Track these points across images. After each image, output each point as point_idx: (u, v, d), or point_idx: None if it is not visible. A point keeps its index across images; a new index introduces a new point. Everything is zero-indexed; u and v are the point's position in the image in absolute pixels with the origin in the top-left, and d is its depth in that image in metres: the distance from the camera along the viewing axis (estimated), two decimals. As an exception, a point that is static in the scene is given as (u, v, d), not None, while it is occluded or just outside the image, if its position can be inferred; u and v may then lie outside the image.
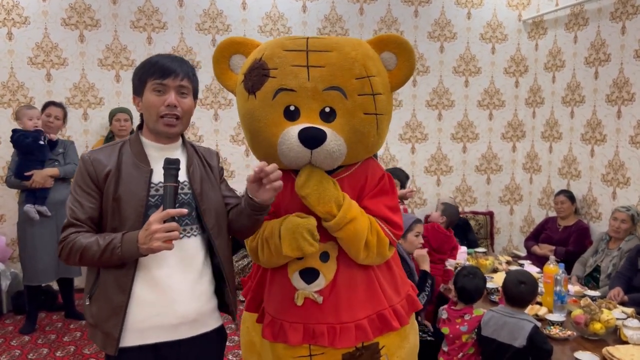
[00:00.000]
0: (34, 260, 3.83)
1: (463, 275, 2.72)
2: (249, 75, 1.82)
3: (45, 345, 3.76)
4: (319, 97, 1.76)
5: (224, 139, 5.01)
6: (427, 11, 5.31)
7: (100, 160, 1.63)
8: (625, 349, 2.36)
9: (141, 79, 1.65)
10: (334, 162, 1.78)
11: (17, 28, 4.51)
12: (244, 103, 1.86)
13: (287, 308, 1.84)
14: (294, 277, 1.84)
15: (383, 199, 1.91)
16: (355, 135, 1.80)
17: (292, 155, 1.74)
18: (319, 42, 1.79)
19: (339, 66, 1.76)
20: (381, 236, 1.84)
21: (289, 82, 1.75)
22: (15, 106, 4.53)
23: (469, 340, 2.62)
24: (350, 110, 1.78)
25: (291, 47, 1.79)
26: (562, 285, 2.83)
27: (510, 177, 5.77)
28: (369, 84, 1.79)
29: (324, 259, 1.84)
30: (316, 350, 1.82)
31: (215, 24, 4.89)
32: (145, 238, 1.48)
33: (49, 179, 3.81)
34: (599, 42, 4.60)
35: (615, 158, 4.49)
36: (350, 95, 1.77)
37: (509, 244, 5.86)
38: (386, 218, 1.88)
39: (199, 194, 1.69)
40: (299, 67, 1.76)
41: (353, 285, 1.86)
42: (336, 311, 1.82)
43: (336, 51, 1.78)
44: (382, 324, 1.86)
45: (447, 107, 5.48)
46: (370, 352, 1.85)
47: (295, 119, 1.78)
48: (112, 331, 1.59)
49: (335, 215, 1.75)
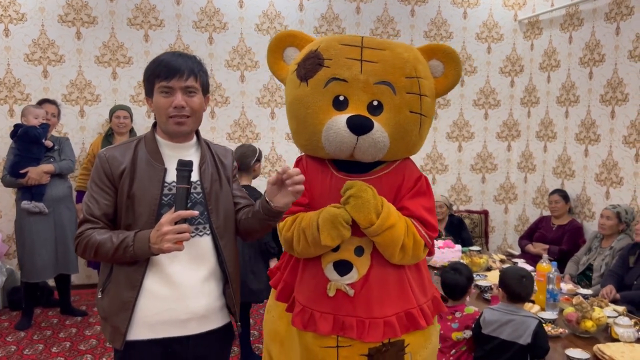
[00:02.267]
0: (32, 257, 3.83)
1: (446, 271, 2.75)
2: (304, 63, 1.87)
3: (41, 341, 3.78)
4: (369, 90, 1.82)
5: (221, 137, 5.03)
6: (423, 10, 5.33)
7: (116, 158, 1.66)
8: (616, 346, 2.39)
9: (149, 81, 1.67)
10: (377, 152, 1.82)
11: (13, 25, 4.51)
12: (294, 90, 1.89)
13: (319, 298, 1.86)
14: (327, 268, 1.87)
15: (421, 200, 1.95)
16: (399, 132, 1.85)
17: (338, 141, 1.78)
18: (374, 41, 1.88)
19: (391, 64, 1.83)
20: (417, 238, 1.87)
21: (342, 72, 1.81)
22: (11, 103, 4.53)
23: (460, 339, 2.64)
24: (398, 105, 1.83)
25: (347, 42, 1.86)
26: (554, 284, 2.86)
27: (505, 176, 5.80)
28: (418, 84, 1.86)
29: (358, 253, 1.87)
30: (344, 342, 1.85)
31: (212, 22, 4.90)
32: (157, 239, 1.51)
33: (44, 176, 3.81)
34: (594, 42, 4.63)
35: (608, 158, 4.52)
36: (399, 92, 1.83)
37: (504, 243, 5.89)
38: (423, 219, 1.91)
39: (208, 194, 1.71)
40: (353, 60, 1.82)
41: (385, 282, 1.89)
42: (366, 305, 1.85)
43: (389, 50, 1.86)
44: (409, 322, 1.90)
45: (442, 107, 5.51)
46: (396, 348, 1.88)
47: (343, 108, 1.83)
48: (120, 325, 1.62)
49: (374, 224, 1.78)
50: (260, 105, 5.08)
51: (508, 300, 2.50)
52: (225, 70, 4.96)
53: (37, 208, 3.78)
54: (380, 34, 5.24)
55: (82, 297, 4.65)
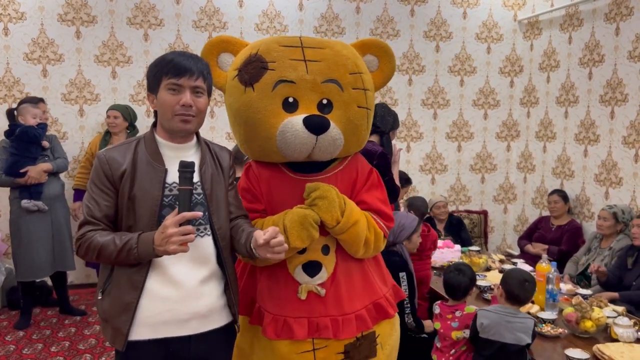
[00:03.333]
0: (29, 256, 3.83)
1: (450, 271, 2.75)
2: (245, 68, 1.86)
3: (40, 340, 3.77)
4: (318, 89, 1.83)
5: (220, 137, 5.02)
6: (423, 10, 5.33)
7: (116, 159, 1.64)
8: (616, 346, 2.39)
9: (156, 77, 1.66)
10: (335, 150, 1.84)
11: (13, 24, 4.50)
12: (240, 96, 1.87)
13: (290, 304, 1.86)
14: (296, 271, 1.87)
15: (376, 193, 2.00)
16: (350, 127, 1.87)
17: (297, 142, 1.78)
18: (311, 40, 1.90)
19: (334, 61, 1.85)
20: (377, 231, 1.92)
21: (288, 74, 1.81)
22: (11, 102, 4.53)
23: (460, 338, 2.63)
24: (346, 102, 1.86)
25: (286, 43, 1.86)
26: (554, 284, 2.87)
27: (505, 177, 5.80)
28: (361, 79, 1.90)
29: (325, 252, 1.88)
30: (319, 343, 1.85)
31: (212, 22, 4.90)
32: (162, 241, 1.51)
33: (44, 174, 3.82)
34: (593, 42, 4.63)
35: (608, 158, 4.52)
36: (346, 88, 1.85)
37: (503, 243, 5.90)
38: (379, 211, 1.96)
39: (209, 195, 1.71)
40: (297, 60, 1.83)
41: (350, 277, 1.91)
42: (338, 303, 1.86)
43: (329, 48, 1.88)
44: (378, 312, 1.93)
45: (442, 106, 5.51)
46: (368, 341, 1.91)
47: (293, 110, 1.83)
48: (121, 327, 1.61)
49: (340, 222, 1.80)
50: (259, 104, 5.07)
51: (506, 301, 2.50)
52: (224, 69, 4.95)
53: (36, 207, 3.78)
54: (380, 34, 5.24)
55: (82, 296, 4.64)
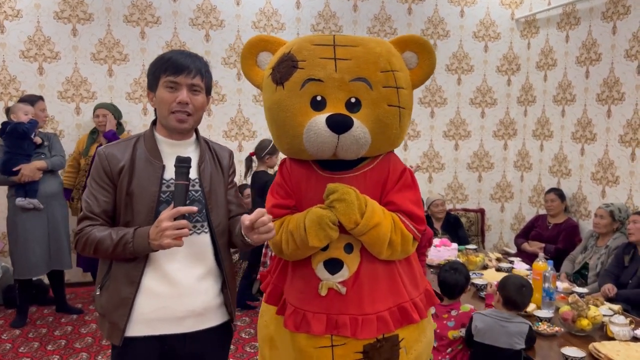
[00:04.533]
0: (25, 254, 3.82)
1: (445, 270, 2.75)
2: (278, 67, 1.87)
3: (36, 339, 3.76)
4: (346, 88, 1.81)
5: (217, 135, 5.02)
6: (420, 9, 5.33)
7: (115, 155, 1.67)
8: (611, 344, 2.40)
9: (155, 75, 1.67)
10: (359, 149, 1.82)
11: (9, 21, 4.49)
12: (272, 95, 1.88)
13: (310, 299, 1.86)
14: (318, 267, 1.87)
15: (407, 194, 1.95)
16: (379, 126, 1.85)
17: (320, 141, 1.77)
18: (345, 38, 1.87)
19: (364, 59, 1.83)
20: (405, 234, 1.87)
21: (316, 72, 1.80)
22: (7, 100, 4.51)
23: (457, 337, 2.64)
24: (375, 100, 1.83)
25: (319, 42, 1.85)
26: (550, 282, 2.87)
27: (502, 175, 5.81)
28: (393, 77, 1.86)
29: (348, 251, 1.87)
30: (338, 340, 1.84)
31: (208, 19, 4.88)
32: (156, 235, 1.52)
33: (37, 172, 3.79)
34: (590, 41, 4.63)
35: (605, 157, 4.53)
36: (375, 87, 1.83)
37: (500, 241, 5.90)
38: (410, 212, 1.91)
39: (208, 192, 1.72)
40: (327, 59, 1.81)
41: (375, 277, 1.89)
42: (359, 302, 1.85)
43: (361, 46, 1.85)
44: (402, 316, 1.90)
45: (439, 105, 5.51)
46: (390, 343, 1.88)
47: (321, 108, 1.83)
48: (118, 321, 1.63)
49: (359, 224, 1.79)
50: (257, 103, 5.07)
51: (503, 306, 2.50)
52: (221, 67, 4.95)
53: (31, 205, 3.77)
54: (378, 32, 5.23)
55: (78, 295, 4.63)
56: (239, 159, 5.07)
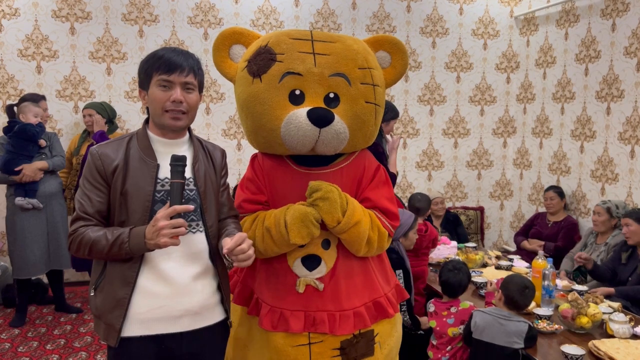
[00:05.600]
0: (23, 253, 3.81)
1: (448, 270, 2.74)
2: (255, 60, 1.86)
3: (36, 338, 3.76)
4: (325, 83, 1.82)
5: (216, 133, 5.01)
6: (419, 7, 5.32)
7: (108, 155, 1.64)
8: (611, 342, 2.39)
9: (147, 73, 1.66)
10: (339, 144, 1.83)
11: (7, 20, 4.47)
12: (247, 87, 1.88)
13: (287, 296, 1.86)
14: (295, 264, 1.87)
15: (383, 190, 1.97)
16: (357, 122, 1.86)
17: (300, 135, 1.77)
18: (322, 34, 1.89)
19: (343, 55, 1.84)
20: (381, 231, 1.90)
21: (296, 66, 1.81)
22: (5, 99, 4.50)
23: (456, 334, 2.63)
24: (354, 96, 1.84)
25: (297, 36, 1.86)
26: (550, 280, 2.87)
27: (501, 173, 5.80)
28: (370, 74, 1.88)
29: (325, 247, 1.87)
30: (315, 337, 1.85)
31: (207, 18, 4.87)
32: (153, 234, 1.51)
33: (39, 173, 3.79)
34: (590, 39, 4.63)
35: (604, 154, 4.53)
36: (354, 83, 1.84)
37: (499, 239, 5.90)
38: (385, 209, 1.93)
39: (202, 192, 1.71)
40: (306, 53, 1.82)
41: (351, 273, 1.90)
42: (336, 298, 1.86)
43: (339, 42, 1.87)
44: (377, 311, 1.92)
45: (438, 103, 5.50)
46: (366, 338, 1.90)
47: (299, 102, 1.83)
48: (114, 323, 1.61)
49: (341, 222, 1.79)
50: (255, 101, 5.05)
51: (504, 305, 2.50)
52: (220, 66, 4.93)
53: (30, 204, 3.76)
54: (376, 30, 5.22)
55: (77, 294, 4.63)
56: (238, 157, 5.07)
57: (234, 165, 5.03)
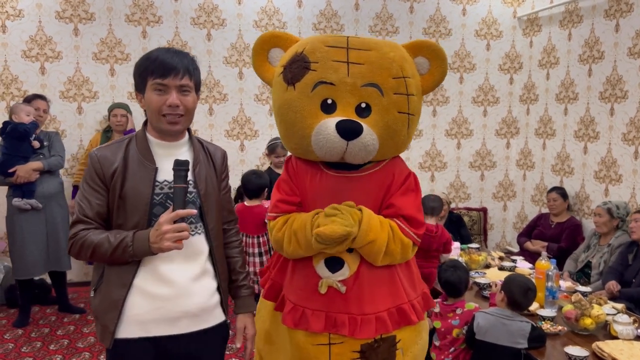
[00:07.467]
0: (23, 253, 3.82)
1: (444, 270, 2.74)
2: (290, 67, 1.86)
3: (39, 338, 3.77)
4: (357, 93, 1.81)
5: (219, 134, 5.01)
6: (422, 7, 5.32)
7: (107, 158, 1.64)
8: (615, 344, 2.39)
9: (142, 77, 1.64)
10: (367, 155, 1.83)
11: (10, 21, 4.49)
12: (282, 94, 1.88)
13: (310, 296, 1.87)
14: (319, 265, 1.87)
15: (409, 198, 1.95)
16: (388, 132, 1.84)
17: (328, 146, 1.78)
18: (359, 41, 1.86)
19: (377, 65, 1.82)
20: (405, 242, 1.87)
21: (329, 75, 1.80)
22: (9, 99, 4.51)
23: (460, 335, 2.63)
24: (386, 107, 1.83)
25: (332, 44, 1.84)
26: (553, 281, 2.86)
27: (504, 174, 5.79)
28: (405, 84, 1.85)
29: (349, 250, 1.87)
30: (336, 339, 1.85)
31: (210, 19, 4.88)
32: (156, 238, 1.51)
33: (33, 173, 3.78)
34: (593, 39, 4.62)
35: (607, 155, 4.52)
36: (387, 93, 1.82)
37: (502, 240, 5.89)
38: (410, 217, 1.91)
39: (203, 195, 1.70)
40: (340, 62, 1.81)
41: (375, 277, 1.89)
42: (358, 302, 1.85)
43: (375, 50, 1.84)
44: (400, 317, 1.90)
45: (441, 104, 5.50)
46: (387, 344, 1.89)
47: (331, 112, 1.82)
48: (108, 324, 1.61)
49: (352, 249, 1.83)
50: (258, 102, 5.07)
51: (507, 306, 2.49)
52: (223, 67, 4.95)
53: (28, 205, 3.76)
54: (379, 30, 5.22)
55: (81, 294, 4.63)
56: (241, 158, 5.07)
57: (236, 166, 5.03)
